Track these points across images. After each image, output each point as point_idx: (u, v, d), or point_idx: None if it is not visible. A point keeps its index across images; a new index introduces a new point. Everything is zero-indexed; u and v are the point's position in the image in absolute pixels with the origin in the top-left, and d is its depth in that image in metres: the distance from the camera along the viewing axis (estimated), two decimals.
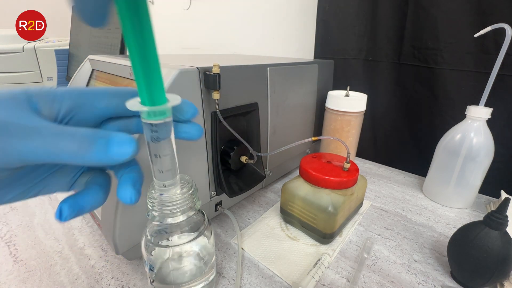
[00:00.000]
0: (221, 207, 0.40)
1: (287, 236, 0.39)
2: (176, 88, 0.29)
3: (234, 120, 0.39)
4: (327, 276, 0.32)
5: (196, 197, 0.24)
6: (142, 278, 0.31)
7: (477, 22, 0.47)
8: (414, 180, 0.55)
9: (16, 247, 0.36)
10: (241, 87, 0.38)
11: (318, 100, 0.57)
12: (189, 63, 0.34)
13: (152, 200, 0.22)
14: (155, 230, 0.24)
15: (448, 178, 0.44)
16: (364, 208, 0.45)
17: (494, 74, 0.39)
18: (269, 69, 0.42)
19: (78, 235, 0.38)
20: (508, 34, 0.37)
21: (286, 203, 0.39)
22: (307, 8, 0.74)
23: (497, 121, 0.43)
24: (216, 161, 0.36)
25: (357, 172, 0.37)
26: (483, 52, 0.48)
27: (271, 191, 0.50)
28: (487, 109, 0.40)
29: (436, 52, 0.53)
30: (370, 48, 0.62)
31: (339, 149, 0.54)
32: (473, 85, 0.50)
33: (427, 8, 0.52)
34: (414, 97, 0.59)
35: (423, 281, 0.31)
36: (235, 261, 0.34)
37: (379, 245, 0.37)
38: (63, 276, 0.31)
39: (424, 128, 0.59)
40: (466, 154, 0.41)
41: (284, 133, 0.49)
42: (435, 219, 0.43)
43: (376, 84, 0.64)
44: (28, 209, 0.43)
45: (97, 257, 0.34)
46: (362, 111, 0.52)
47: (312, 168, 0.37)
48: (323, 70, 0.58)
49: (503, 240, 0.27)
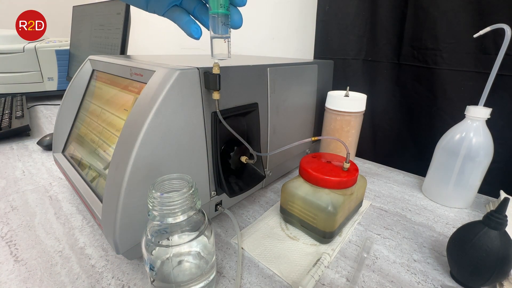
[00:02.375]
0: (221, 207, 0.41)
1: (287, 235, 0.39)
2: (176, 88, 0.29)
3: (234, 120, 0.39)
4: (327, 275, 0.32)
5: (196, 197, 0.24)
6: (142, 277, 0.31)
7: (476, 22, 0.47)
8: (413, 180, 0.55)
9: (16, 246, 0.36)
10: (241, 87, 0.38)
11: (318, 100, 0.57)
12: (189, 63, 0.34)
13: (153, 200, 0.22)
14: (156, 230, 0.24)
15: (447, 178, 0.44)
16: (364, 208, 0.45)
17: (493, 74, 0.39)
18: (269, 69, 0.42)
19: (78, 234, 0.38)
20: (508, 34, 0.37)
21: (286, 202, 0.39)
22: (307, 8, 0.74)
23: (496, 121, 0.43)
24: (216, 161, 0.36)
25: (357, 172, 0.37)
26: (483, 52, 0.48)
27: (271, 191, 0.50)
28: (487, 109, 0.40)
29: (436, 53, 0.53)
30: (370, 49, 0.62)
31: (339, 149, 0.54)
32: (472, 85, 0.50)
33: (427, 8, 0.52)
34: (413, 97, 0.59)
35: (422, 281, 0.32)
36: (235, 260, 0.34)
37: (378, 245, 0.37)
38: (63, 276, 0.31)
39: (424, 128, 0.59)
40: (466, 154, 0.41)
41: (284, 133, 0.49)
42: (435, 219, 0.43)
43: (375, 84, 0.64)
44: (28, 208, 0.43)
45: (98, 257, 0.34)
46: (361, 111, 0.52)
47: (312, 168, 0.37)
48: (323, 70, 0.58)
49: (502, 240, 0.27)
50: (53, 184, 0.51)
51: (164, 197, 0.22)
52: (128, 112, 0.36)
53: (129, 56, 0.50)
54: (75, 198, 0.46)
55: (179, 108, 0.30)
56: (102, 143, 0.39)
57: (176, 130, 0.30)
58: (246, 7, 0.29)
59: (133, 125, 0.28)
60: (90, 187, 0.38)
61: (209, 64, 0.32)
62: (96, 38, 0.89)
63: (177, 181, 0.25)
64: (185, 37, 0.30)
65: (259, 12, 0.86)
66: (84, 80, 0.49)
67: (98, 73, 0.48)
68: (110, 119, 0.39)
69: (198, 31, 0.29)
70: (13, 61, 1.03)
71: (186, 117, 0.31)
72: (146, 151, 0.28)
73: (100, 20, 0.87)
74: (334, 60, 0.63)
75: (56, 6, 1.53)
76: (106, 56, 0.45)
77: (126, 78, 0.39)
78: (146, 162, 0.28)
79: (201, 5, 0.29)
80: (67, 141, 0.49)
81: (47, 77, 1.13)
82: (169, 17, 0.29)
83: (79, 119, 0.48)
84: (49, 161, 0.60)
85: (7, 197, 0.46)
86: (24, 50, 1.04)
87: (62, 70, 1.14)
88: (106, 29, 0.83)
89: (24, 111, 0.84)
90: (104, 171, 0.36)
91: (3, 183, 0.51)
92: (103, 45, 0.84)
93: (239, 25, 0.29)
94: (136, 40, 1.41)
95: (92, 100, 0.46)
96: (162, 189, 0.24)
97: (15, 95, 1.04)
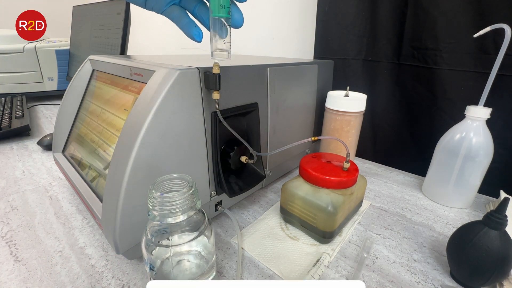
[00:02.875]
0: (221, 206, 0.41)
1: (287, 235, 0.39)
2: (176, 88, 0.29)
3: (234, 120, 0.39)
4: (327, 275, 0.32)
5: (196, 197, 0.24)
6: (142, 277, 0.31)
7: (476, 22, 0.47)
8: (413, 180, 0.55)
9: (16, 246, 0.36)
10: (241, 87, 0.38)
11: (318, 100, 0.57)
12: (189, 63, 0.34)
13: (153, 200, 0.22)
14: (156, 230, 0.24)
15: (447, 178, 0.44)
16: (364, 208, 0.45)
17: (493, 74, 0.39)
18: (269, 69, 0.42)
19: (78, 234, 0.38)
20: (508, 34, 0.37)
21: (286, 202, 0.39)
22: (307, 8, 0.75)
23: (496, 121, 0.43)
24: (216, 161, 0.36)
25: (357, 172, 0.37)
26: (483, 52, 0.48)
27: (271, 191, 0.50)
28: (487, 109, 0.40)
29: (436, 53, 0.53)
30: (370, 49, 0.62)
31: (339, 149, 0.54)
32: (472, 85, 0.50)
33: (427, 8, 0.52)
34: (413, 97, 0.59)
35: (422, 281, 0.32)
36: (235, 260, 0.34)
37: (378, 245, 0.37)
38: (63, 276, 0.31)
39: (424, 128, 0.59)
40: (466, 154, 0.41)
41: (284, 133, 0.49)
42: (435, 219, 0.43)
43: (375, 84, 0.64)
44: (28, 208, 0.43)
45: (98, 257, 0.34)
46: (361, 111, 0.52)
47: (312, 168, 0.37)
48: (323, 70, 0.58)
49: (502, 239, 0.27)
50: (53, 184, 0.51)
51: (164, 197, 0.22)
52: (128, 112, 0.36)
53: (129, 56, 0.50)
54: (75, 198, 0.46)
55: (179, 108, 0.30)
56: (102, 143, 0.39)
57: (176, 130, 0.30)
58: (246, 8, 0.29)
59: (133, 125, 0.28)
60: (90, 187, 0.38)
61: (209, 64, 0.32)
62: (96, 38, 0.89)
63: (177, 181, 0.25)
64: (185, 37, 0.29)
65: (259, 12, 0.86)
66: (84, 80, 0.49)
67: (98, 73, 0.48)
68: (110, 119, 0.39)
69: (200, 34, 0.29)
70: (13, 61, 1.03)
71: (186, 117, 0.31)
72: (146, 151, 0.28)
73: (100, 20, 0.87)
74: (334, 60, 0.63)
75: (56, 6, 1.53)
76: (106, 56, 0.45)
77: (126, 78, 0.39)
78: (146, 162, 0.28)
79: (202, 4, 0.29)
80: (67, 141, 0.49)
81: (47, 77, 1.13)
82: (168, 16, 0.29)
83: (79, 119, 0.48)
84: (49, 161, 0.60)
85: (7, 197, 0.46)
86: (24, 50, 1.04)
87: (62, 70, 1.14)
88: (106, 29, 0.83)
89: (24, 111, 0.84)
90: (104, 171, 0.36)
91: (3, 183, 0.51)
92: (103, 45, 0.84)
93: (240, 24, 0.28)
94: (136, 40, 1.41)
95: (92, 100, 0.46)
96: (162, 189, 0.24)
97: (15, 95, 1.04)
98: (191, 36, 0.28)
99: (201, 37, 0.29)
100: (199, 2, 0.29)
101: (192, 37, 0.28)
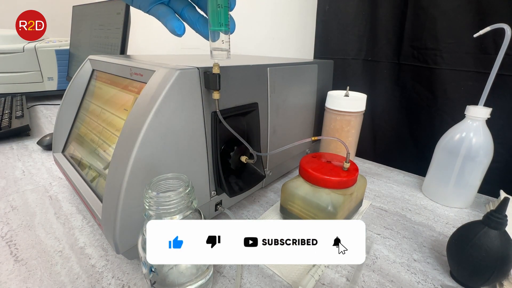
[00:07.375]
0: (221, 206, 0.41)
1: None
2: (176, 88, 0.29)
3: (234, 120, 0.39)
4: (327, 275, 0.32)
5: (192, 196, 0.24)
6: (142, 277, 0.31)
7: (476, 22, 0.47)
8: (413, 180, 0.55)
9: (16, 246, 0.36)
10: (241, 87, 0.38)
11: (317, 100, 0.57)
12: (189, 63, 0.34)
13: (149, 200, 0.22)
14: None
15: (447, 177, 0.44)
16: (364, 208, 0.45)
17: (493, 74, 0.39)
18: (269, 69, 0.42)
19: (78, 234, 0.38)
20: (507, 34, 0.37)
21: (286, 202, 0.39)
22: (307, 8, 0.74)
23: (496, 121, 0.43)
24: (216, 161, 0.36)
25: (357, 172, 0.37)
26: (483, 52, 0.48)
27: (271, 191, 0.50)
28: (487, 109, 0.40)
29: (436, 52, 0.53)
30: (370, 48, 0.62)
31: (339, 149, 0.54)
32: (472, 85, 0.50)
33: (427, 8, 0.52)
34: (413, 97, 0.59)
35: (422, 281, 0.32)
36: None
37: (378, 245, 0.37)
38: (63, 276, 0.31)
39: (424, 128, 0.59)
40: (466, 154, 0.41)
41: (284, 133, 0.49)
42: (435, 219, 0.43)
43: (375, 84, 0.64)
44: (28, 208, 0.43)
45: (98, 257, 0.34)
46: (361, 111, 0.52)
47: (312, 168, 0.37)
48: (323, 70, 0.58)
49: (502, 239, 0.27)
50: (53, 184, 0.51)
51: (160, 197, 0.22)
52: (128, 112, 0.36)
53: (129, 56, 0.50)
54: (75, 198, 0.46)
55: (179, 108, 0.30)
56: (102, 143, 0.39)
57: (176, 130, 0.30)
58: (246, 8, 0.29)
59: (133, 125, 0.28)
60: (90, 187, 0.38)
61: (209, 64, 0.32)
62: (96, 38, 0.89)
63: (173, 180, 0.25)
64: (185, 37, 0.29)
65: (259, 12, 0.86)
66: (84, 80, 0.49)
67: (98, 73, 0.48)
68: (110, 119, 0.39)
69: (181, 27, 0.28)
70: (13, 61, 1.03)
71: (186, 117, 0.31)
72: (146, 151, 0.28)
73: (100, 20, 0.87)
74: (334, 60, 0.63)
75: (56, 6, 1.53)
76: (106, 56, 0.45)
77: (126, 78, 0.39)
78: (146, 162, 0.28)
79: (190, 6, 0.29)
80: (67, 141, 0.49)
81: (47, 77, 1.13)
82: (154, 15, 0.29)
83: (79, 119, 0.48)
84: (49, 161, 0.60)
85: (7, 197, 0.46)
86: (24, 50, 1.04)
87: (62, 70, 1.14)
88: (106, 29, 0.83)
89: (24, 111, 0.84)
90: (104, 171, 0.36)
91: (3, 183, 0.51)
92: (103, 45, 0.84)
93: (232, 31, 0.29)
94: (136, 40, 1.41)
95: (92, 100, 0.46)
96: (158, 189, 0.24)
97: (15, 95, 1.03)
98: (172, 29, 0.28)
99: (182, 31, 0.28)
100: (187, 4, 0.29)
101: (173, 30, 0.28)
